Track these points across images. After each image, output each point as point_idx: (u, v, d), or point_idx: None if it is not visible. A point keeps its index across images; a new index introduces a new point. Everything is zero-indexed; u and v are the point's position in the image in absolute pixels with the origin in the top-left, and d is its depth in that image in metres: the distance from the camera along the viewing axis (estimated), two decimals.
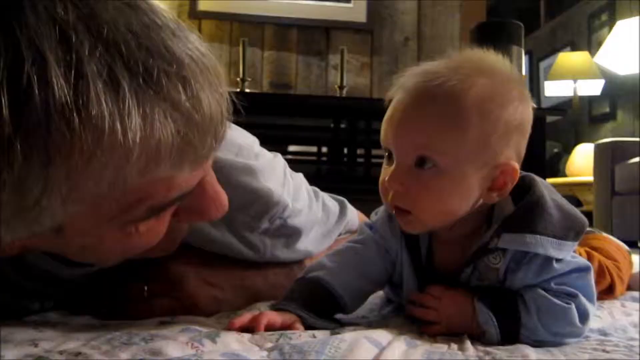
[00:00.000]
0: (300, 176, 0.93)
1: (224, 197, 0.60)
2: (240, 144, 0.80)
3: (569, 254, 0.68)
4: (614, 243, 1.06)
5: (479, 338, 0.67)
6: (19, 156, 0.40)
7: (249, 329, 0.64)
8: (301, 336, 0.63)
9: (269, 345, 0.59)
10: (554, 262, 0.67)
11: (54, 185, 0.42)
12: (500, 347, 0.63)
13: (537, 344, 0.65)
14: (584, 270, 0.68)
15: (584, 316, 0.66)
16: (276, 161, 0.87)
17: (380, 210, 0.79)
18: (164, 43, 0.46)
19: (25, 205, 0.42)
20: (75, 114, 0.40)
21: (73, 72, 0.40)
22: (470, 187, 0.67)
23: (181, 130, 0.46)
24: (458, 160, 0.65)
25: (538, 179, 0.73)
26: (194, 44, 0.49)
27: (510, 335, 0.66)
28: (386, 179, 0.68)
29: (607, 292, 0.97)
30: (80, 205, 0.46)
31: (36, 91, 0.39)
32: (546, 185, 0.72)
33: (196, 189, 0.55)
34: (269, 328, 0.64)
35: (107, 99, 0.42)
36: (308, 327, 0.68)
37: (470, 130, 0.65)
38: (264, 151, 0.86)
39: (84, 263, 0.64)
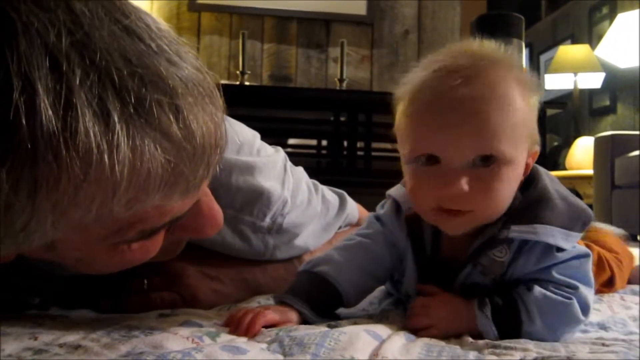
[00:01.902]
0: (300, 170, 0.93)
1: (219, 215, 0.60)
2: (242, 141, 0.80)
3: (573, 245, 0.68)
4: (613, 236, 1.06)
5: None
6: (5, 185, 0.39)
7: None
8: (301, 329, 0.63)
9: (269, 338, 0.59)
10: (555, 249, 0.67)
11: (40, 214, 0.42)
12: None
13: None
14: (583, 256, 0.68)
15: (585, 308, 0.66)
16: (277, 156, 0.87)
17: (387, 203, 0.79)
18: (158, 71, 0.45)
19: (13, 229, 0.42)
20: (62, 145, 0.40)
21: (62, 102, 0.39)
22: (521, 171, 0.68)
23: (172, 161, 0.45)
24: (515, 147, 0.65)
25: (541, 169, 0.73)
26: (190, 70, 0.47)
27: (511, 337, 0.65)
28: (438, 184, 0.65)
29: (607, 285, 0.96)
30: (70, 229, 0.45)
31: (24, 121, 0.38)
32: (550, 177, 0.72)
33: (191, 209, 0.55)
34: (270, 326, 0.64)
35: (95, 130, 0.41)
36: (308, 324, 0.67)
37: (517, 115, 0.64)
38: (265, 146, 0.86)
39: None
